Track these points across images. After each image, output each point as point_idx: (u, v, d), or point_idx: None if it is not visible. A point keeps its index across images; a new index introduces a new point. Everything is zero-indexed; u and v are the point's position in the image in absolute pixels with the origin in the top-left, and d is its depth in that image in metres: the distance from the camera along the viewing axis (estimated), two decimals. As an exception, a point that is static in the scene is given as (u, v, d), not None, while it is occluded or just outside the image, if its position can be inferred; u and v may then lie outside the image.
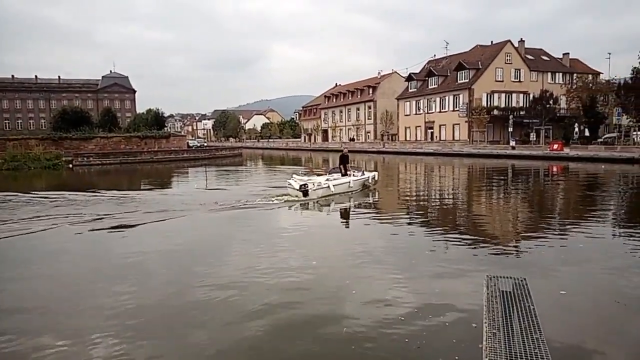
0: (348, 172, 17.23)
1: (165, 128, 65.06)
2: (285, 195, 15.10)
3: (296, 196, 14.69)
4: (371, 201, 15.90)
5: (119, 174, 32.56)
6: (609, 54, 55.64)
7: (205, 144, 71.86)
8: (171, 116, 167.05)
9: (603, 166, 26.99)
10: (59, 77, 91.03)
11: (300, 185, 14.63)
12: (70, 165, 37.83)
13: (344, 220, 12.64)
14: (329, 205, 14.43)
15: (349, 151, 19.52)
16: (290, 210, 13.52)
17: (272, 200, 14.60)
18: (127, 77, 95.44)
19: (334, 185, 15.54)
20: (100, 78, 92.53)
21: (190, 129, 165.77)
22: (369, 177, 17.75)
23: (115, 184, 23.30)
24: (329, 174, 17.91)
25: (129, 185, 23.64)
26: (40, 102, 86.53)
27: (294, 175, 16.46)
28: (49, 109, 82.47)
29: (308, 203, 14.37)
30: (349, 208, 14.28)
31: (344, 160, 17.48)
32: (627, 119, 39.38)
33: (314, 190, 14.79)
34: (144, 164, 41.20)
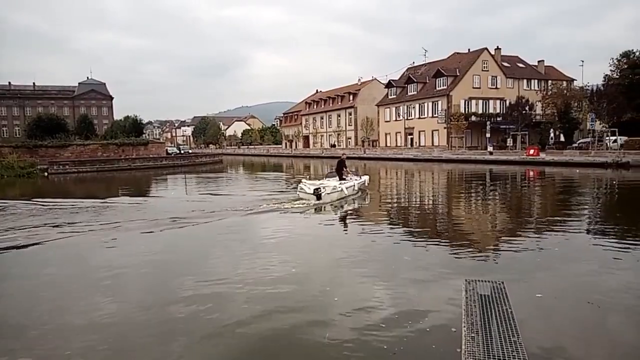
0: (345, 177, 17.59)
1: (144, 135, 64.27)
2: (298, 200, 15.26)
3: (308, 200, 14.96)
4: (367, 204, 16.29)
5: (96, 182, 31.95)
6: (582, 61, 57.30)
7: (190, 151, 70.38)
8: (150, 123, 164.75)
9: (578, 170, 27.64)
10: (33, 83, 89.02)
11: (314, 190, 14.97)
12: (46, 174, 36.99)
13: (329, 225, 12.54)
14: (341, 207, 14.99)
15: (347, 157, 20.22)
16: (283, 215, 13.31)
17: (284, 206, 14.59)
18: (104, 83, 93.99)
19: (346, 188, 16.10)
20: (77, 85, 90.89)
21: (169, 135, 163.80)
22: (364, 180, 18.87)
23: (92, 193, 22.85)
24: (326, 178, 18.29)
25: (107, 193, 23.15)
26: (14, 109, 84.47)
27: (304, 180, 16.70)
28: (24, 116, 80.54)
29: (321, 207, 14.59)
30: (340, 213, 14.27)
31: (341, 165, 17.97)
32: (600, 124, 40.47)
33: (328, 194, 15.22)
34: (122, 171, 40.55)
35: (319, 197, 14.83)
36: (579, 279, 7.04)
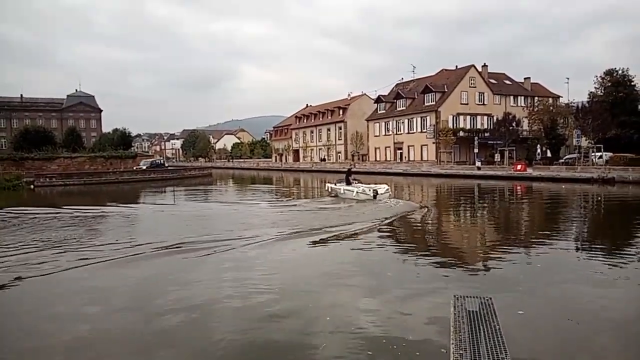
0: (351, 182, 21.25)
1: (132, 148, 63.79)
2: (360, 201, 18.76)
3: (369, 198, 19.06)
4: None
5: (83, 195, 31.56)
6: (567, 79, 58.40)
7: (166, 164, 60.98)
8: (138, 136, 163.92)
9: (564, 186, 27.95)
10: (21, 95, 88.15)
11: (373, 191, 19.38)
12: (32, 186, 36.52)
13: (320, 240, 12.43)
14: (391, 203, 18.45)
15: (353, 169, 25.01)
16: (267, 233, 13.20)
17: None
18: (93, 96, 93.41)
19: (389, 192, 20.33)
20: (65, 97, 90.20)
21: (158, 148, 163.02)
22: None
23: (79, 205, 22.49)
24: (337, 183, 22.40)
25: (97, 206, 22.83)
26: (1, 120, 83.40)
27: (359, 185, 20.68)
28: (10, 129, 79.39)
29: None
30: (329, 226, 14.07)
31: (349, 173, 22.44)
32: (585, 140, 41.10)
33: (381, 194, 19.45)
34: (109, 184, 40.14)
35: (375, 197, 19.07)
36: (560, 295, 7.10)
